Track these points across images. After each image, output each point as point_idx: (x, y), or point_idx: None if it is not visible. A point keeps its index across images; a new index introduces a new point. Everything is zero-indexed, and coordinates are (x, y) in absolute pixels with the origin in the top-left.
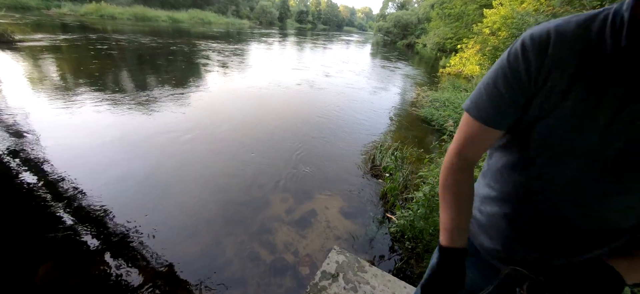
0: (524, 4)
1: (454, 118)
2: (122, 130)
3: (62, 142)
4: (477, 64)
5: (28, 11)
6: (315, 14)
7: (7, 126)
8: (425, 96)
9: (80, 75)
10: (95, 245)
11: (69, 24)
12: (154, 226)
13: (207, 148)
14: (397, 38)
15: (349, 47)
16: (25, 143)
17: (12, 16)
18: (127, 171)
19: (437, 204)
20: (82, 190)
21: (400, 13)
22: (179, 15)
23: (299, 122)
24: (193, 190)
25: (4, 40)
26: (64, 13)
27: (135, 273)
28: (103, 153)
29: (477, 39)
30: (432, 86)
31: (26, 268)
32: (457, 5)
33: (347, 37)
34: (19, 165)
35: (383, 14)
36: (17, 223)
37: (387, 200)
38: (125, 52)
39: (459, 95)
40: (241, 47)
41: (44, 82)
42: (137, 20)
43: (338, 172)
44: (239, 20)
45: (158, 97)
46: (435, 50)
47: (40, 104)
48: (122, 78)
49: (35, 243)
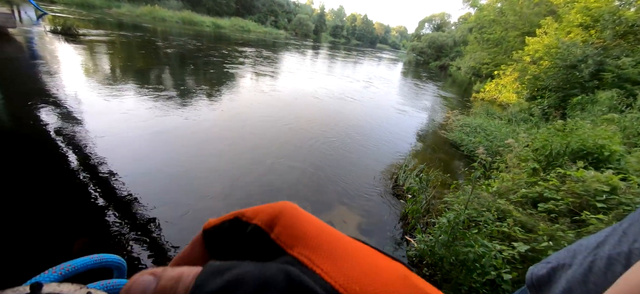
0: (570, 34)
1: (485, 146)
2: (158, 123)
3: (105, 129)
4: (515, 92)
5: (92, 9)
6: (350, 29)
7: (60, 108)
8: (455, 119)
9: (129, 69)
10: (125, 230)
11: (126, 22)
12: (179, 219)
13: (234, 151)
14: (431, 59)
15: (380, 64)
16: (73, 126)
17: (79, 12)
18: (157, 163)
19: (460, 232)
20: (117, 174)
21: (436, 34)
22: (222, 22)
23: (323, 134)
24: (216, 188)
25: (70, 33)
26: (122, 13)
27: (157, 258)
28: (140, 144)
29: (516, 67)
30: (464, 110)
31: (66, 240)
32: (497, 31)
33: (380, 53)
34: (67, 145)
35: (418, 34)
36: (58, 199)
37: (408, 222)
38: (170, 51)
39: (492, 122)
40: (275, 55)
41: (97, 72)
42: (185, 24)
43: (359, 187)
44: (276, 30)
45: (195, 96)
46: (470, 74)
47: (90, 91)
48: (164, 75)
49: (75, 219)
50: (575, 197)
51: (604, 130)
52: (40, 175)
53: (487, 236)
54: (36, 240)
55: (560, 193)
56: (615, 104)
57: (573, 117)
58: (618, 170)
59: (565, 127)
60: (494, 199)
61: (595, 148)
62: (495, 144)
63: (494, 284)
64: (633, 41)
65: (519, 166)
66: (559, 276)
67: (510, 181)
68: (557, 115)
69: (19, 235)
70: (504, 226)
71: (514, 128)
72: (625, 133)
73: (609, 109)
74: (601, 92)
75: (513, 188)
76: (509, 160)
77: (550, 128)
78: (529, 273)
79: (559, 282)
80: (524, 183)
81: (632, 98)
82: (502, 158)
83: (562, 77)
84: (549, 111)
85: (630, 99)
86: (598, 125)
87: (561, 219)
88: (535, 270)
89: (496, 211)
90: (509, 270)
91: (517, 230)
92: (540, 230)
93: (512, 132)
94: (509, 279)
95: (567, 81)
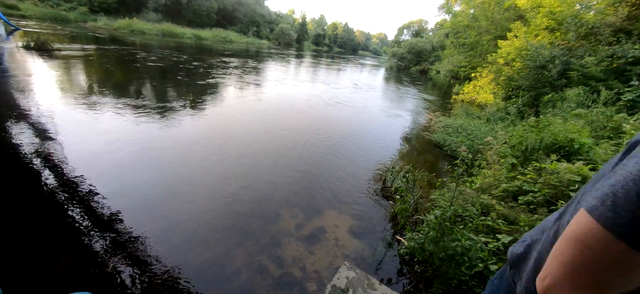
0: (538, 37)
1: (467, 145)
2: (138, 137)
3: (82, 145)
4: (491, 93)
5: (67, 23)
6: (332, 37)
7: (34, 126)
8: (438, 121)
9: (106, 84)
10: (108, 246)
11: (102, 36)
12: (166, 232)
13: (219, 160)
14: (411, 64)
15: (363, 70)
16: (49, 144)
17: (53, 27)
18: (141, 177)
19: (448, 228)
20: (97, 193)
21: (415, 40)
22: (203, 33)
23: (310, 140)
24: (205, 199)
25: (44, 48)
26: (98, 26)
27: (146, 276)
28: (119, 158)
29: (491, 69)
30: (445, 112)
31: (49, 260)
32: (471, 36)
33: (362, 60)
34: (42, 164)
35: (398, 41)
36: (39, 219)
37: (397, 222)
38: (149, 64)
39: (472, 122)
40: (257, 65)
41: (71, 88)
42: (165, 36)
43: (349, 191)
44: (258, 40)
45: (175, 108)
46: (449, 77)
47: (65, 108)
48: (143, 89)
49: (57, 238)
50: (551, 188)
51: (573, 124)
52: (16, 194)
53: (472, 230)
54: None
55: (537, 185)
56: (582, 100)
57: (545, 113)
58: (587, 161)
59: (538, 123)
60: (478, 195)
61: (566, 142)
62: (476, 143)
63: (482, 276)
64: (594, 41)
65: (499, 162)
66: (533, 250)
67: (491, 177)
68: (531, 112)
69: None
70: (488, 220)
71: (492, 127)
72: (593, 127)
73: (577, 105)
74: (569, 90)
75: (494, 184)
76: (489, 156)
77: (525, 125)
78: (509, 253)
79: (533, 254)
80: (505, 178)
81: (596, 94)
82: (483, 155)
83: (534, 77)
84: (524, 109)
85: (595, 95)
86: (568, 120)
87: (539, 209)
88: (514, 249)
89: (480, 206)
90: (495, 261)
91: (500, 223)
92: (521, 221)
93: (490, 130)
94: (495, 270)
95: (538, 80)
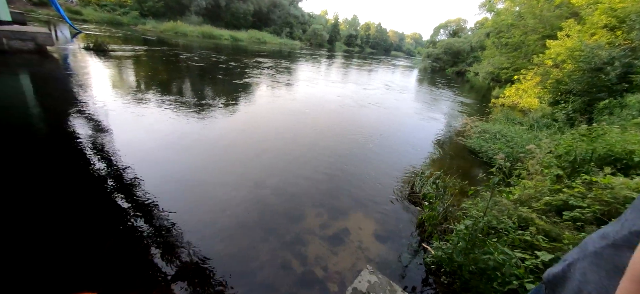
0: (595, 36)
1: (505, 152)
2: (178, 132)
3: (129, 137)
4: (536, 97)
5: (120, 26)
6: (364, 37)
7: (90, 119)
8: (474, 126)
9: (153, 81)
10: (145, 232)
11: (150, 38)
12: (197, 223)
13: (249, 156)
14: (447, 65)
15: (395, 71)
16: (101, 135)
17: (109, 30)
18: (178, 170)
19: (479, 239)
20: (140, 182)
21: (452, 40)
22: (239, 35)
23: (338, 140)
24: (233, 192)
25: (101, 49)
26: (147, 29)
27: (176, 262)
28: (159, 151)
29: (537, 71)
30: (482, 116)
31: (97, 240)
32: (516, 35)
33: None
34: (95, 152)
35: (433, 41)
36: (90, 201)
37: (425, 229)
38: (192, 64)
39: (512, 128)
40: (289, 65)
41: (123, 85)
42: (204, 37)
43: (375, 194)
44: (291, 40)
45: (213, 105)
46: (488, 80)
47: (117, 103)
48: (186, 87)
49: (104, 220)
50: (603, 205)
51: (634, 134)
52: (71, 180)
53: (507, 244)
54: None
55: (586, 201)
56: None
57: (600, 121)
58: None
59: (591, 132)
60: (515, 207)
61: (624, 154)
62: (516, 150)
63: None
64: None
65: (542, 173)
66: (574, 271)
67: (532, 189)
68: (583, 119)
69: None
70: (526, 234)
71: (536, 134)
72: None
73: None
74: (630, 96)
75: (535, 196)
76: (530, 166)
77: (574, 133)
78: (546, 274)
79: (574, 276)
80: (547, 190)
81: None
82: (523, 165)
83: (587, 80)
84: (574, 116)
85: None
86: (627, 129)
87: (588, 227)
88: (552, 269)
89: (518, 219)
90: (532, 279)
91: (540, 239)
92: (565, 238)
93: (534, 138)
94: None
95: (592, 84)
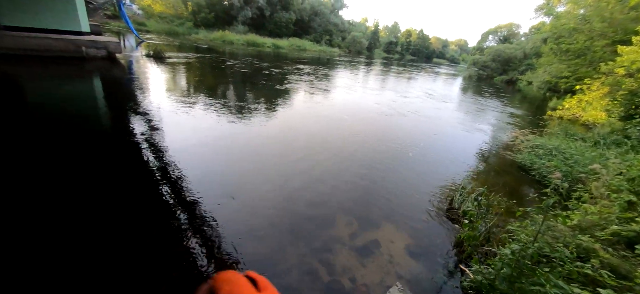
0: None
1: (563, 171)
2: (222, 133)
3: (178, 136)
4: (603, 110)
5: (176, 36)
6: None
7: (147, 118)
8: (525, 140)
9: (202, 86)
10: (185, 224)
11: (202, 46)
12: (231, 221)
13: (284, 160)
14: (495, 73)
15: (436, 79)
16: (155, 133)
17: (167, 39)
18: (218, 169)
19: (528, 267)
20: (184, 178)
21: (503, 46)
22: (281, 42)
23: (374, 147)
24: (267, 193)
25: (159, 56)
26: (199, 38)
27: (207, 256)
28: (203, 150)
29: (605, 80)
30: (536, 130)
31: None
32: (579, 40)
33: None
34: (148, 148)
35: (480, 47)
36: (138, 193)
37: (463, 250)
38: (237, 70)
39: (572, 144)
40: (328, 72)
41: (176, 89)
42: (249, 45)
43: (410, 206)
44: (330, 48)
45: (255, 109)
46: (544, 90)
47: (170, 105)
48: (231, 91)
49: (149, 210)
50: None
51: None
52: (126, 171)
53: (562, 276)
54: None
55: None
56: None
57: None
58: None
59: None
60: (574, 234)
61: None
62: (577, 170)
63: None
64: None
65: (609, 197)
66: None
67: (596, 215)
68: None
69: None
70: (587, 267)
71: (602, 152)
72: None
73: None
74: None
75: (600, 224)
76: (594, 189)
77: None
78: None
79: None
80: (616, 218)
81: None
82: (585, 186)
83: None
84: None
85: None
86: None
87: None
88: None
89: (576, 249)
90: None
91: (605, 274)
92: (637, 277)
93: (599, 156)
94: None
95: None
